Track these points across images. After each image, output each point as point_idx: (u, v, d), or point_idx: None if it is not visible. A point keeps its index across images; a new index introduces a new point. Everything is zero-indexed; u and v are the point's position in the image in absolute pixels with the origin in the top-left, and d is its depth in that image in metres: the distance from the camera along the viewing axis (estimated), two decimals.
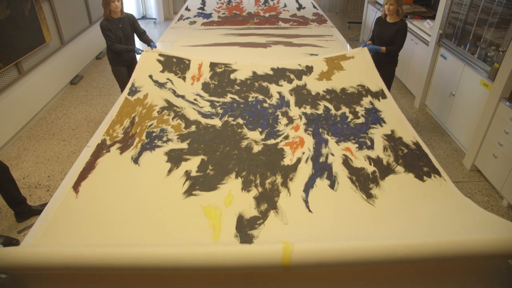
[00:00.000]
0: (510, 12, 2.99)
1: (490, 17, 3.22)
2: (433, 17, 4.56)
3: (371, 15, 6.23)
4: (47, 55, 4.52)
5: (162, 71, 2.75)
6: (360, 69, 2.79)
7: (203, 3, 5.17)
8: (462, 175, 3.37)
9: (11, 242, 2.58)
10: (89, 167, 1.83)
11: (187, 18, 4.61)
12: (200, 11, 4.87)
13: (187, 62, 2.89)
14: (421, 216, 1.56)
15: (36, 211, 2.85)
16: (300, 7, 5.00)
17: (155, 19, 8.38)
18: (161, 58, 2.87)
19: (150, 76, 2.66)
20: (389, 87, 3.67)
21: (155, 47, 3.31)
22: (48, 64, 4.53)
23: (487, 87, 3.19)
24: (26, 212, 2.82)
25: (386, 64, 3.48)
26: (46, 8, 4.49)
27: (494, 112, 3.03)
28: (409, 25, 4.73)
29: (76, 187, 1.70)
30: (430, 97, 4.37)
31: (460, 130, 3.75)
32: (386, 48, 3.39)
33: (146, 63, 2.81)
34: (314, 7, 5.11)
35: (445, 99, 3.97)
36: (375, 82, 2.64)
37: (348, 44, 3.71)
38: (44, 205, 2.31)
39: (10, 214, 2.86)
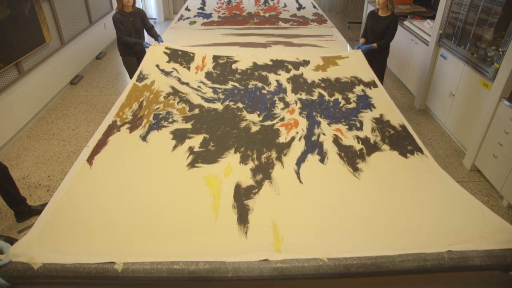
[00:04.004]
0: (510, 12, 3.23)
1: (490, 17, 3.47)
2: (433, 17, 4.88)
3: None
4: (47, 55, 4.83)
5: (168, 62, 3.18)
6: (354, 65, 3.20)
7: (203, 3, 5.56)
8: (462, 175, 3.59)
9: (11, 242, 2.75)
10: (101, 143, 2.19)
11: (187, 18, 4.96)
12: (200, 11, 5.24)
13: (191, 54, 3.32)
14: (400, 188, 1.90)
15: (36, 211, 3.01)
16: (300, 7, 5.37)
17: (155, 19, 8.85)
18: (167, 51, 3.31)
19: (157, 66, 3.08)
20: (382, 75, 4.15)
21: (162, 41, 3.79)
22: (48, 64, 4.85)
23: (487, 87, 3.43)
24: (26, 212, 2.99)
25: (378, 55, 4.00)
26: (46, 8, 4.82)
27: (494, 112, 3.25)
28: (409, 25, 5.13)
29: (90, 160, 2.06)
30: (430, 97, 4.65)
31: (460, 130, 3.99)
32: (378, 44, 3.87)
33: (153, 55, 3.25)
34: (314, 7, 5.47)
35: (445, 99, 4.23)
36: (368, 75, 3.03)
37: (348, 44, 4.01)
38: (44, 205, 2.40)
39: (10, 214, 3.04)
